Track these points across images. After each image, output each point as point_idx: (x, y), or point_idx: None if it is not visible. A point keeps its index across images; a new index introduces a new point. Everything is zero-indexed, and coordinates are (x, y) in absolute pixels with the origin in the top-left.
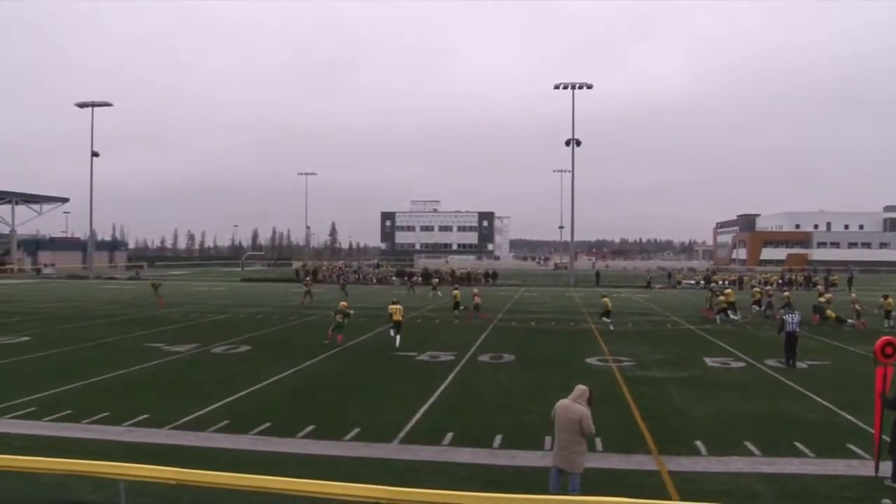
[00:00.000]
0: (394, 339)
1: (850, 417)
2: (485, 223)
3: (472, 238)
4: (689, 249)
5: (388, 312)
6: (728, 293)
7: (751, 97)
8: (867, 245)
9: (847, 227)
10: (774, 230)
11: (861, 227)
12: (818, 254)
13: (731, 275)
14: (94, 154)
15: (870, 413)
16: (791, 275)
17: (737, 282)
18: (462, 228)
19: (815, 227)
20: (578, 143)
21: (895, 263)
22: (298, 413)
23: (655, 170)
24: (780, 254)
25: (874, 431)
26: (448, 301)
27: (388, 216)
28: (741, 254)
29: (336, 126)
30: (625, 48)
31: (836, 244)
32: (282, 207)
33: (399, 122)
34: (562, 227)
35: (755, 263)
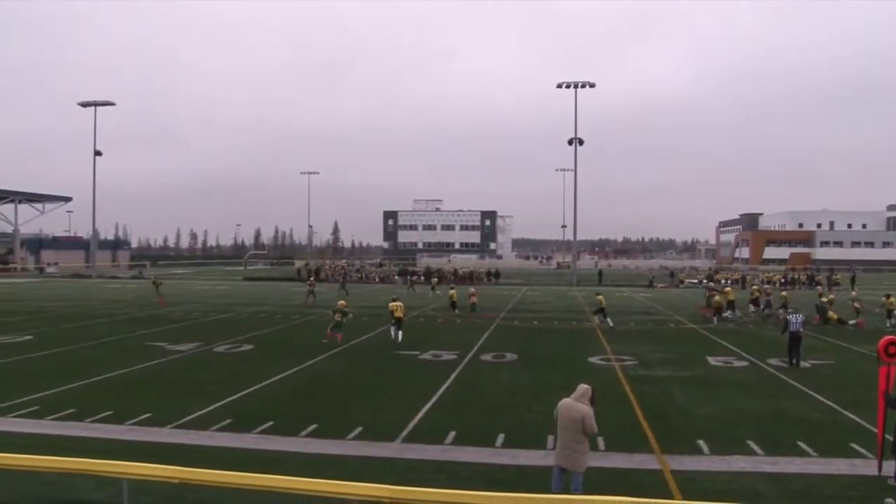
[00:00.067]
0: (395, 336)
1: (854, 417)
2: (487, 222)
3: (475, 237)
4: (692, 248)
5: (389, 310)
6: (728, 291)
7: (752, 97)
8: (870, 244)
9: (850, 227)
10: (777, 229)
11: (864, 227)
12: (821, 253)
13: (734, 274)
14: (97, 153)
15: (873, 412)
16: (794, 274)
17: (739, 281)
18: (464, 227)
19: (818, 227)
20: (581, 143)
21: None
22: (301, 412)
23: (658, 169)
24: (783, 253)
25: (877, 431)
26: (448, 300)
27: (391, 215)
28: (744, 253)
29: (337, 125)
30: (625, 48)
31: (840, 243)
32: (284, 206)
33: (400, 122)
34: (564, 227)
35: (758, 262)
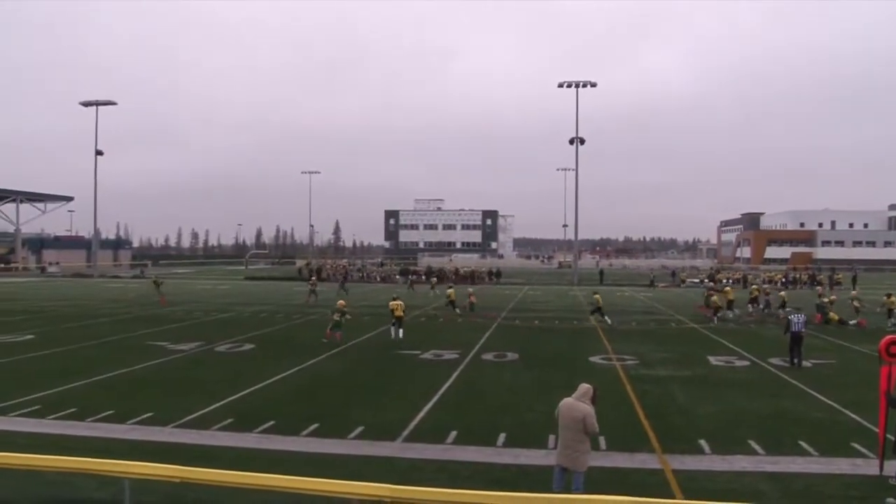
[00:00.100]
0: (396, 335)
1: (855, 416)
2: (488, 222)
3: (476, 236)
4: (694, 248)
5: (390, 308)
6: (727, 291)
7: (752, 96)
8: (872, 244)
9: (852, 226)
10: (778, 229)
11: (866, 226)
12: (822, 252)
13: (736, 273)
14: (99, 153)
15: (874, 412)
16: (795, 273)
17: (741, 280)
18: (466, 227)
19: (820, 226)
20: (582, 142)
21: None
22: (302, 411)
23: (659, 169)
24: (785, 252)
25: (878, 430)
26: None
27: (392, 214)
28: (745, 252)
29: (338, 125)
30: (625, 48)
31: (841, 243)
32: (285, 206)
33: (401, 122)
34: (566, 226)
35: (759, 262)
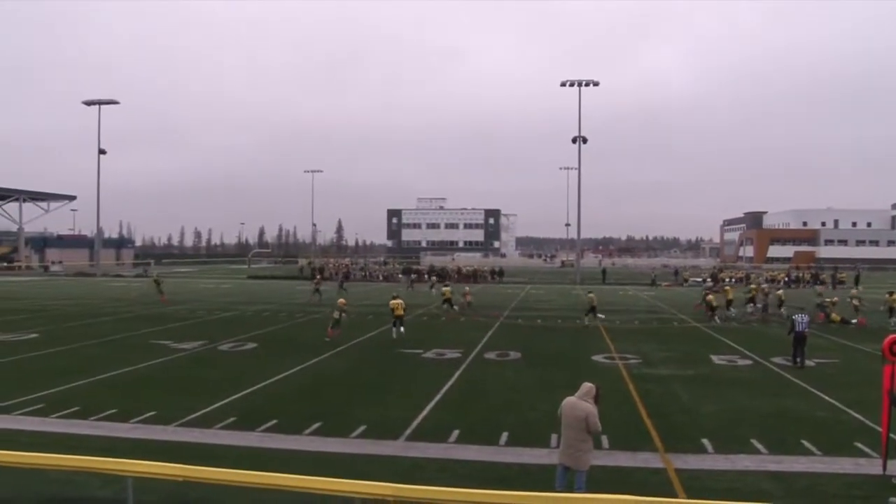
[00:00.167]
0: (397, 333)
1: (858, 416)
2: (491, 220)
3: (479, 235)
4: (696, 247)
5: (390, 308)
6: (727, 290)
7: (753, 96)
8: (875, 243)
9: (855, 225)
10: (781, 228)
11: (869, 225)
12: (825, 251)
13: (738, 272)
14: (102, 152)
15: (877, 411)
16: (798, 272)
17: (743, 279)
18: (468, 226)
19: (823, 225)
20: (585, 141)
21: None
22: (305, 410)
23: (661, 168)
24: (788, 251)
25: (881, 429)
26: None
27: (395, 213)
28: (748, 251)
29: (339, 124)
30: (625, 48)
31: (844, 242)
32: (288, 205)
33: (403, 121)
34: (568, 225)
35: (762, 261)
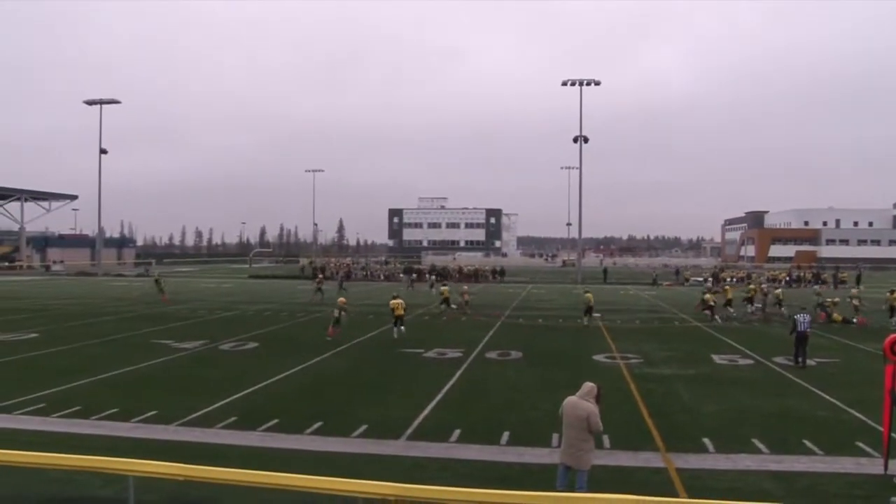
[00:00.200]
0: (398, 333)
1: (859, 415)
2: (492, 220)
3: (480, 235)
4: (698, 246)
5: (390, 308)
6: (727, 290)
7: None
8: (877, 242)
9: (856, 224)
10: (783, 227)
11: (871, 224)
12: (827, 251)
13: (740, 272)
14: (103, 151)
15: (878, 411)
16: (799, 272)
17: (745, 279)
18: (469, 225)
19: (824, 224)
20: (586, 140)
21: None
22: (306, 410)
23: (662, 167)
24: (789, 251)
25: (883, 429)
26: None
27: (396, 213)
28: (750, 251)
29: (340, 124)
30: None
31: (846, 241)
32: (289, 204)
33: (403, 120)
34: (569, 224)
35: (763, 260)
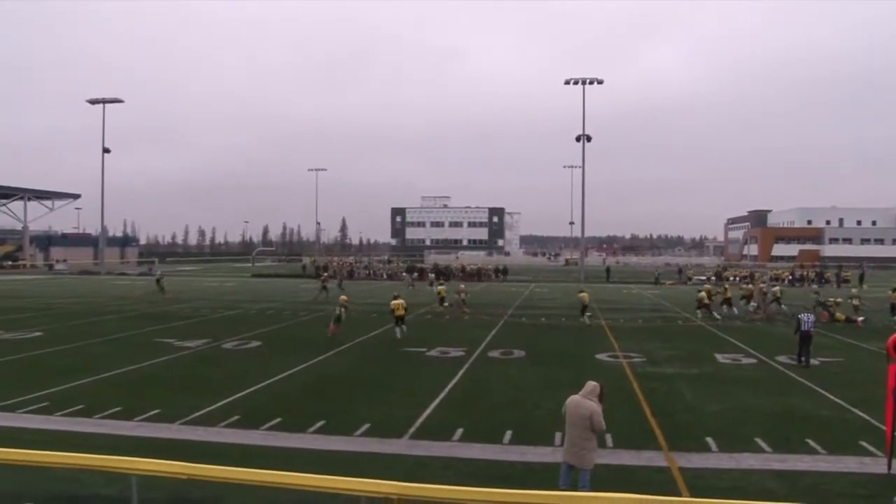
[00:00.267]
0: (400, 332)
1: (863, 414)
2: (495, 219)
3: (483, 234)
4: (700, 245)
5: (391, 308)
6: (727, 289)
7: (754, 95)
8: (880, 241)
9: (860, 223)
10: (786, 226)
11: (874, 223)
12: (830, 250)
13: (742, 271)
14: (106, 150)
15: (882, 410)
16: (802, 271)
17: (748, 278)
18: (472, 224)
19: (828, 223)
20: (589, 139)
21: None
22: (309, 408)
23: (664, 166)
24: (792, 250)
25: (886, 428)
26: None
27: (399, 212)
28: (752, 250)
29: (342, 123)
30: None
31: (849, 240)
32: (292, 203)
33: (405, 120)
34: (572, 223)
35: (767, 259)
